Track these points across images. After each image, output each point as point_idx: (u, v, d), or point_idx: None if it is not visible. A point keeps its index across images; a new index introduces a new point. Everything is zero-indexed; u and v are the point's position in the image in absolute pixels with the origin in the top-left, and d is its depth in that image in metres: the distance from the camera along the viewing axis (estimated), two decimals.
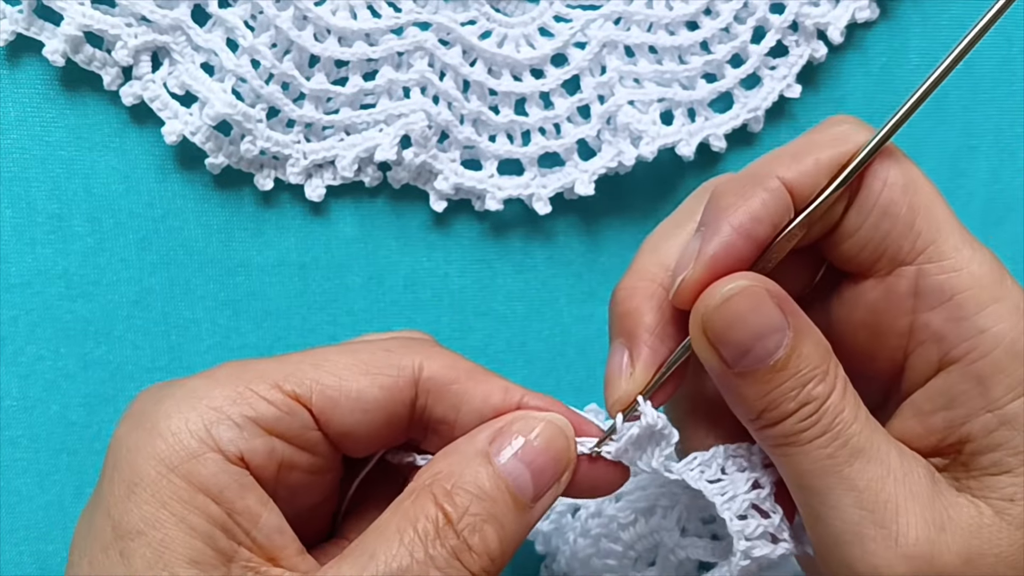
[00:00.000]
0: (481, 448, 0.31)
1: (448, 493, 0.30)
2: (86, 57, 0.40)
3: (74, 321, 0.42)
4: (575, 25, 0.44)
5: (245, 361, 0.32)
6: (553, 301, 0.46)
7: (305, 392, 0.31)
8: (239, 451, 0.30)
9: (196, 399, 0.30)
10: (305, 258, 0.44)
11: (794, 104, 0.47)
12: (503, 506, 0.31)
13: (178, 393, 0.31)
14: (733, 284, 0.31)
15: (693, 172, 0.46)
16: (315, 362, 0.32)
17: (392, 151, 0.42)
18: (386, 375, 0.32)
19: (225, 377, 0.31)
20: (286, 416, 0.31)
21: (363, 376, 0.32)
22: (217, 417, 0.30)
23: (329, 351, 0.33)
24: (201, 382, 0.31)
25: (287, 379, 0.31)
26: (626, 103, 0.44)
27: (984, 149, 0.49)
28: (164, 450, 0.29)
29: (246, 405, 0.30)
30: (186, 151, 0.42)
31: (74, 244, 0.41)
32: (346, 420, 0.32)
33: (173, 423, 0.30)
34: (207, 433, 0.30)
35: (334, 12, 0.42)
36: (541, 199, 0.44)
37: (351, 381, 0.32)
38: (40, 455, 0.42)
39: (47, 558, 0.42)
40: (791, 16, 0.45)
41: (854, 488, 0.30)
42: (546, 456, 0.32)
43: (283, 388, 0.31)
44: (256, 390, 0.31)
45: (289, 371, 0.31)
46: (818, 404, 0.30)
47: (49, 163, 0.41)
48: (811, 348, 0.31)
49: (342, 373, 0.32)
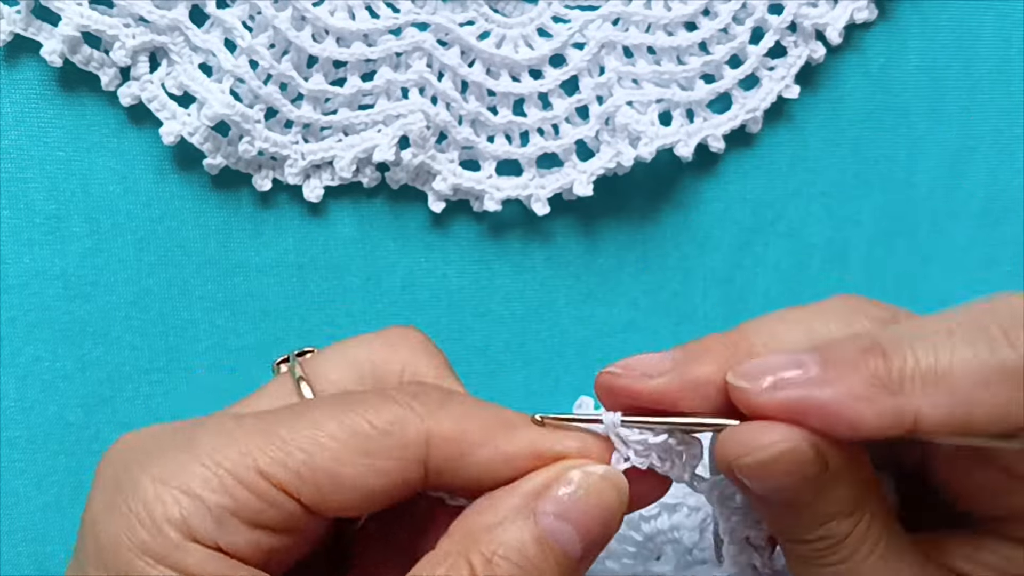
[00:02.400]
0: (524, 505, 0.28)
1: (488, 562, 0.27)
2: (84, 57, 0.40)
3: (72, 322, 0.42)
4: (573, 26, 0.44)
5: (228, 423, 0.29)
6: (551, 302, 0.46)
7: (292, 481, 0.28)
8: (217, 545, 0.27)
9: (172, 482, 0.27)
10: (303, 259, 0.43)
11: (792, 105, 0.47)
12: (549, 572, 0.28)
13: (155, 469, 0.28)
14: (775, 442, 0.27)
15: (692, 173, 0.46)
16: (305, 440, 0.28)
17: (390, 152, 0.42)
18: (387, 459, 0.28)
19: (205, 450, 0.28)
20: (270, 509, 0.28)
21: (360, 460, 0.28)
22: (194, 507, 0.27)
23: (322, 421, 0.28)
24: (179, 455, 0.28)
25: (272, 464, 0.28)
26: (624, 104, 0.43)
27: (983, 150, 0.49)
28: (147, 541, 0.27)
29: (225, 494, 0.27)
30: (184, 152, 0.42)
31: (72, 245, 0.41)
32: (338, 505, 0.28)
33: (152, 509, 0.27)
34: (185, 524, 0.27)
35: (332, 12, 0.42)
36: (539, 200, 0.44)
37: (346, 467, 0.28)
38: (38, 456, 0.42)
39: (45, 559, 0.42)
40: (789, 17, 0.45)
41: None
42: (596, 513, 0.29)
43: (267, 475, 0.28)
44: (237, 476, 0.27)
45: (274, 452, 0.28)
46: (835, 540, 0.29)
47: (47, 163, 0.41)
48: (844, 490, 0.29)
49: (335, 457, 0.28)
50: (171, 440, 0.29)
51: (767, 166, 0.47)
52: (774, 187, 0.47)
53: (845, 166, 0.48)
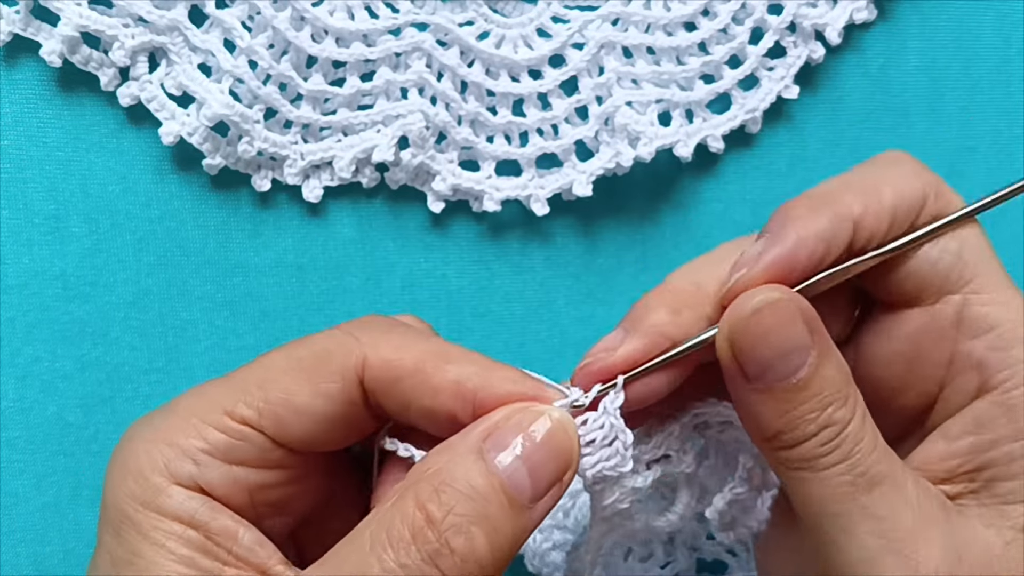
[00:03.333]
0: (474, 444, 0.30)
1: (434, 491, 0.29)
2: (83, 58, 0.40)
3: (71, 322, 0.42)
4: (573, 26, 0.44)
5: (203, 386, 0.32)
6: (551, 302, 0.46)
7: (254, 415, 0.31)
8: (197, 484, 0.30)
9: (157, 437, 0.31)
10: (303, 259, 0.43)
11: (792, 105, 0.47)
12: (497, 507, 0.29)
13: (145, 431, 0.31)
14: (764, 296, 0.30)
15: (691, 173, 0.46)
16: (260, 378, 0.31)
17: (390, 152, 0.42)
18: (328, 382, 0.31)
19: (182, 409, 0.31)
20: (240, 443, 0.31)
21: (306, 385, 0.31)
22: (173, 453, 0.30)
23: (274, 358, 0.32)
24: (161, 417, 0.31)
25: (236, 404, 0.31)
26: (624, 104, 0.43)
27: (982, 150, 0.49)
28: (135, 489, 0.30)
29: (199, 438, 0.31)
30: (183, 152, 0.42)
31: (71, 245, 0.41)
32: (300, 433, 0.31)
33: (141, 462, 0.30)
34: (166, 469, 0.30)
35: (332, 13, 0.42)
36: (539, 200, 0.44)
37: (296, 394, 0.31)
38: (37, 456, 0.42)
39: (44, 559, 0.42)
40: (789, 17, 0.45)
41: (873, 516, 0.30)
42: (546, 452, 0.30)
43: (233, 415, 0.31)
44: (208, 421, 0.31)
45: (237, 394, 0.31)
46: (838, 429, 0.30)
47: (46, 164, 0.41)
48: (834, 371, 0.31)
49: (286, 386, 0.31)
50: (160, 409, 0.32)
51: (766, 166, 0.47)
52: (773, 187, 0.47)
53: (844, 166, 0.47)
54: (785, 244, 0.31)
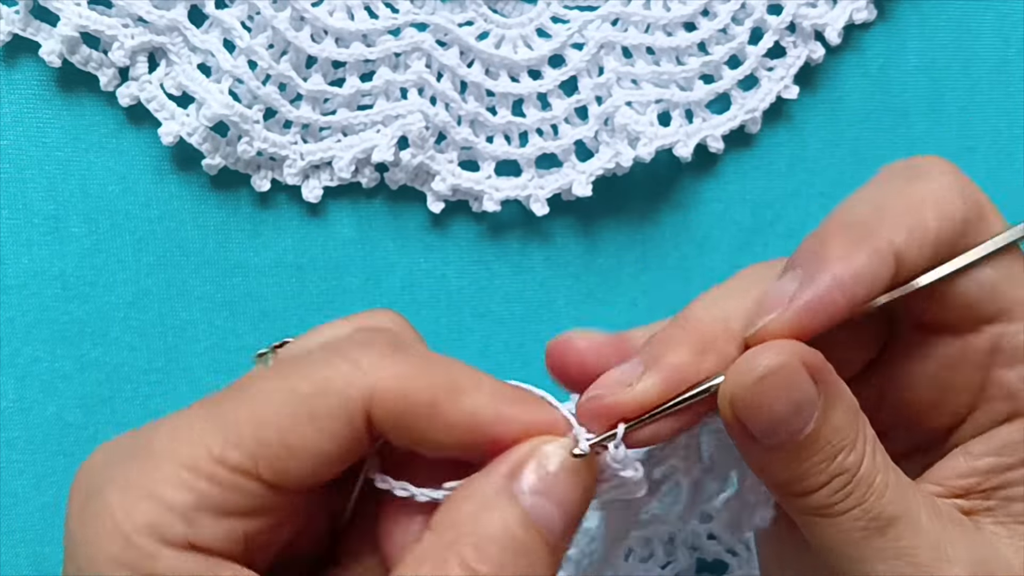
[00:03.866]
0: (503, 486, 0.28)
1: (477, 550, 0.26)
2: (83, 58, 0.40)
3: (71, 323, 0.42)
4: (572, 26, 0.44)
5: (180, 419, 0.28)
6: (551, 302, 0.46)
7: (249, 461, 0.27)
8: (190, 543, 0.27)
9: (134, 487, 0.27)
10: (302, 259, 0.43)
11: (791, 105, 0.47)
12: (538, 554, 0.27)
13: (120, 480, 0.27)
14: (768, 361, 0.28)
15: (691, 173, 0.46)
16: (252, 416, 0.27)
17: (389, 152, 0.42)
18: (331, 420, 0.27)
19: (162, 453, 0.27)
20: (233, 494, 0.27)
21: (307, 424, 0.27)
22: (157, 511, 0.26)
23: (267, 389, 0.28)
24: (137, 463, 0.27)
25: (225, 447, 0.27)
26: (624, 104, 0.43)
27: (982, 150, 0.49)
28: (119, 554, 0.26)
29: (188, 491, 0.27)
30: (183, 152, 0.42)
31: (71, 245, 0.41)
32: (299, 475, 0.28)
33: (119, 519, 0.27)
34: (153, 531, 0.26)
35: (331, 13, 0.42)
36: (539, 200, 0.44)
37: (296, 435, 0.27)
38: (36, 457, 0.41)
39: (43, 560, 0.42)
40: (788, 17, 0.45)
41: (889, 557, 0.30)
42: (571, 488, 0.28)
43: (224, 462, 0.27)
44: (196, 469, 0.27)
45: (227, 435, 0.27)
46: (850, 476, 0.29)
47: (46, 164, 0.41)
48: (841, 416, 0.29)
49: (282, 425, 0.27)
50: (131, 447, 0.28)
51: (766, 166, 0.47)
52: (773, 187, 0.47)
53: (844, 166, 0.48)
54: (819, 288, 0.29)
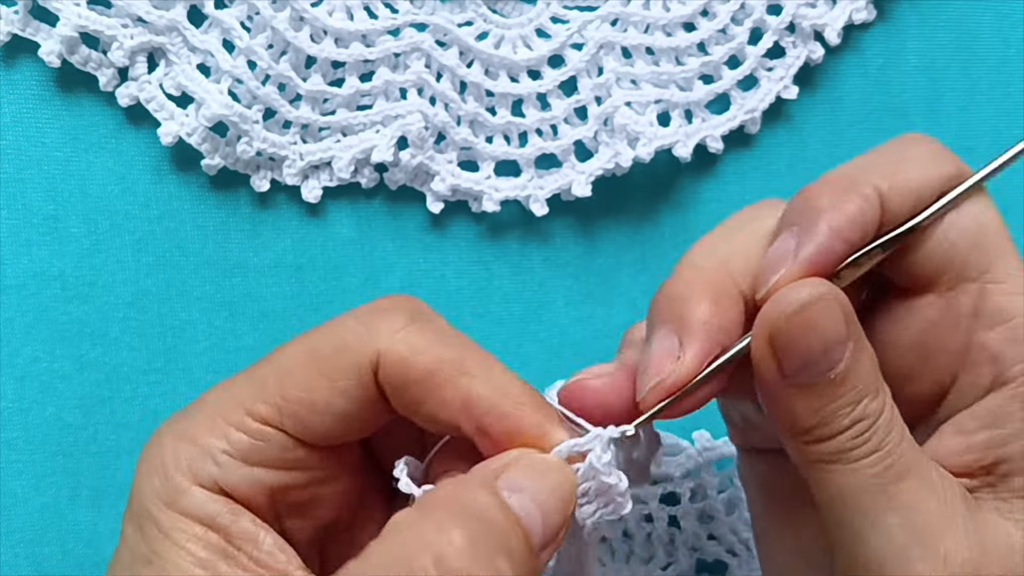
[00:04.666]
0: (488, 480, 0.29)
1: (458, 517, 0.27)
2: (82, 58, 0.40)
3: (70, 323, 0.41)
4: (572, 26, 0.44)
5: (228, 381, 0.31)
6: (550, 303, 0.46)
7: (274, 414, 0.30)
8: (217, 485, 0.30)
9: (183, 434, 0.30)
10: (302, 259, 0.43)
11: (791, 105, 0.47)
12: (516, 541, 0.27)
13: (174, 428, 0.31)
14: (809, 292, 0.29)
15: (690, 173, 0.46)
16: (278, 374, 0.30)
17: (389, 152, 0.42)
18: (344, 379, 0.30)
19: (209, 405, 0.31)
20: (261, 443, 0.30)
21: (325, 384, 0.30)
22: (196, 453, 0.30)
23: (294, 350, 0.31)
24: (188, 415, 0.31)
25: (255, 403, 0.30)
26: (623, 104, 0.43)
27: (981, 150, 0.49)
28: (159, 487, 0.30)
29: (221, 438, 0.30)
30: (182, 152, 0.42)
31: (70, 246, 0.41)
32: (321, 430, 0.30)
33: (166, 459, 0.30)
34: (188, 469, 0.30)
35: (331, 13, 0.42)
36: (538, 200, 0.44)
37: (313, 391, 0.30)
38: (36, 457, 0.41)
39: (42, 560, 0.42)
40: (788, 17, 0.45)
41: (898, 508, 0.30)
42: (555, 501, 0.29)
43: (253, 413, 0.30)
44: (230, 420, 0.30)
45: (256, 392, 0.30)
46: (871, 422, 0.30)
47: (45, 164, 0.41)
48: (868, 363, 0.30)
49: (303, 382, 0.30)
50: (191, 407, 0.32)
51: (766, 167, 0.47)
52: (773, 188, 0.47)
53: None
54: (820, 238, 0.30)
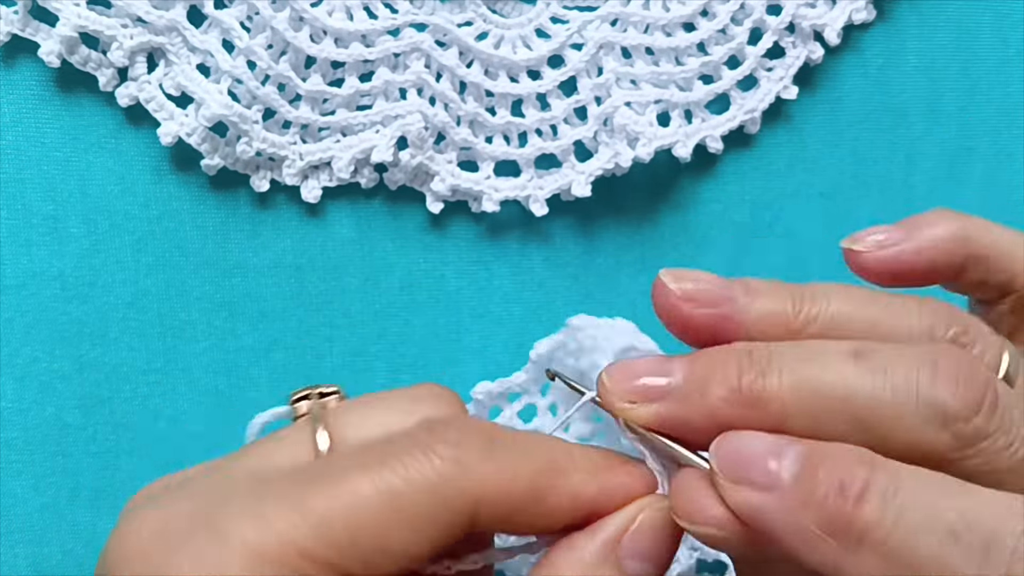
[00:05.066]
0: (605, 551, 0.27)
1: None
2: (81, 58, 0.40)
3: (69, 323, 0.41)
4: (572, 27, 0.44)
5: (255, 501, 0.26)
6: (550, 303, 0.46)
7: (336, 557, 0.25)
8: None
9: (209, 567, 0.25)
10: (301, 259, 0.43)
11: (791, 106, 0.47)
12: None
13: (185, 565, 0.25)
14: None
15: (690, 173, 0.46)
16: (347, 518, 0.25)
17: (388, 152, 0.42)
18: (434, 522, 0.26)
19: (238, 537, 0.25)
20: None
21: (405, 529, 0.26)
22: None
23: (361, 489, 0.26)
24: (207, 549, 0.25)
25: (315, 543, 0.25)
26: (623, 104, 0.43)
27: (981, 151, 0.49)
28: None
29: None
30: (182, 152, 0.42)
31: (69, 246, 0.41)
32: (388, 572, 0.26)
33: None
34: None
35: (330, 13, 0.41)
36: (538, 200, 0.44)
37: (394, 540, 0.26)
38: (35, 457, 0.41)
39: (42, 561, 0.42)
40: (788, 18, 0.45)
41: None
42: (669, 545, 0.28)
43: (311, 556, 0.25)
44: (279, 564, 0.25)
45: (315, 530, 0.25)
46: None
47: (44, 164, 0.41)
48: None
49: (379, 524, 0.26)
50: (191, 524, 0.26)
51: (765, 167, 0.47)
52: (772, 188, 0.47)
53: (843, 167, 0.48)
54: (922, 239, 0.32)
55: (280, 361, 0.43)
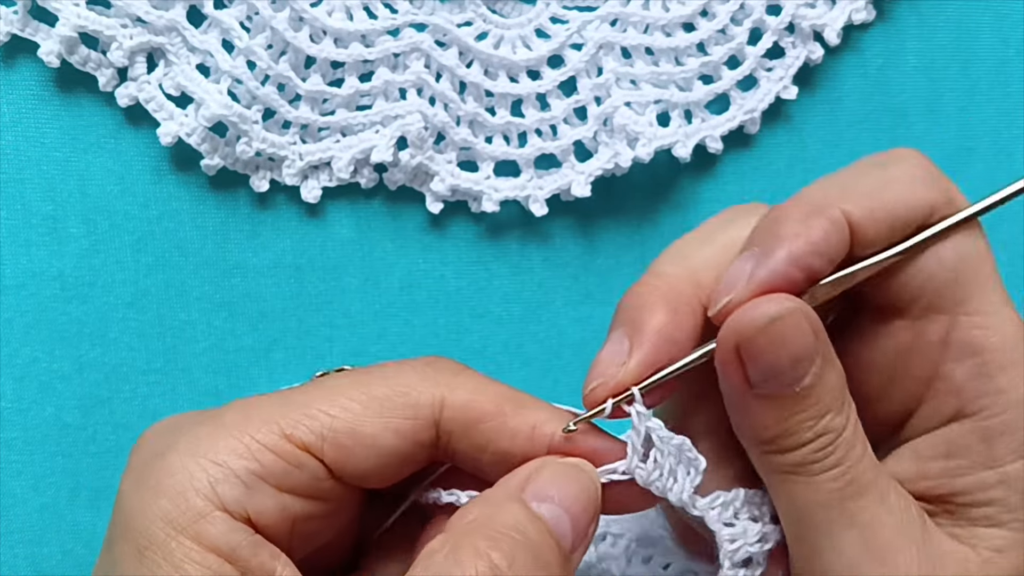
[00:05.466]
0: (514, 494, 0.29)
1: (492, 540, 0.27)
2: (81, 58, 0.40)
3: (69, 323, 0.41)
4: (571, 27, 0.44)
5: (253, 400, 0.30)
6: (549, 303, 0.46)
7: (316, 442, 0.29)
8: (246, 511, 0.28)
9: (200, 453, 0.28)
10: (301, 260, 0.43)
11: (790, 106, 0.47)
12: (549, 552, 0.28)
13: (182, 444, 0.29)
14: (780, 307, 0.29)
15: (690, 173, 0.46)
16: (326, 403, 0.30)
17: (388, 152, 0.42)
18: (403, 418, 0.30)
19: (232, 424, 0.29)
20: (295, 470, 0.29)
21: (378, 419, 0.30)
22: (222, 474, 0.28)
23: (341, 388, 0.30)
24: (206, 431, 0.29)
25: (296, 426, 0.29)
26: (622, 104, 0.43)
27: (981, 151, 0.49)
28: (170, 510, 0.28)
29: (252, 459, 0.28)
30: (181, 152, 0.42)
31: (69, 246, 0.41)
32: (360, 466, 0.30)
33: (177, 480, 0.28)
34: (212, 491, 0.28)
35: (330, 13, 0.41)
36: (537, 201, 0.44)
37: (365, 426, 0.29)
38: (35, 458, 0.41)
39: (41, 561, 0.42)
40: (787, 18, 0.45)
41: (855, 524, 0.30)
42: (580, 503, 0.30)
43: (292, 438, 0.29)
44: (263, 441, 0.29)
45: (298, 416, 0.29)
46: (834, 436, 0.30)
47: (44, 165, 0.41)
48: (835, 379, 0.30)
49: (355, 416, 0.29)
50: (197, 420, 0.30)
51: (765, 167, 0.47)
52: (772, 188, 0.47)
53: (843, 167, 0.48)
54: (776, 264, 0.30)
55: (280, 361, 0.43)
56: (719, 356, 0.30)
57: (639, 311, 0.32)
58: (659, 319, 0.31)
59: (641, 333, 0.31)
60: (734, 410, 0.31)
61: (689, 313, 0.31)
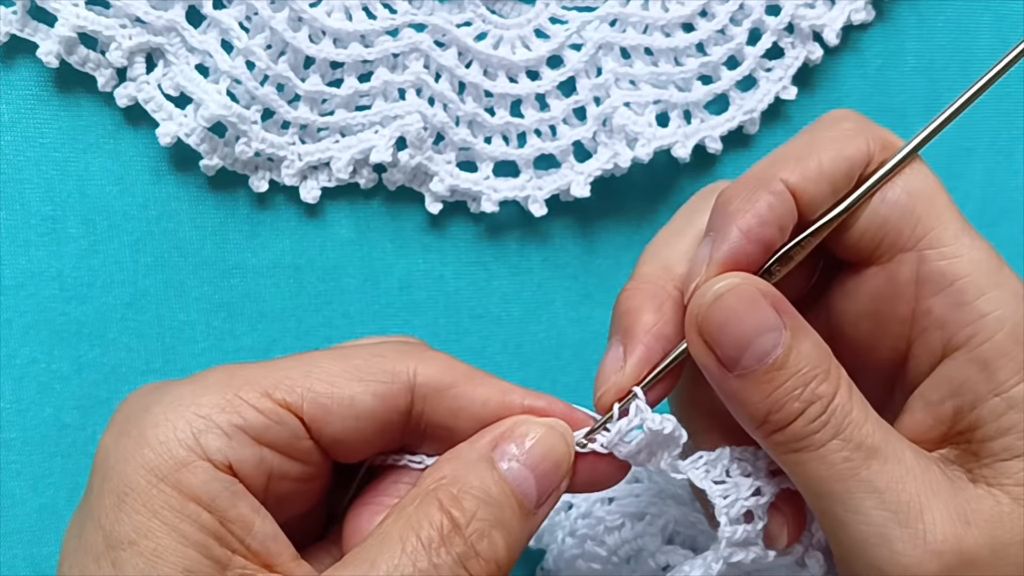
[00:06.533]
0: (484, 453, 0.31)
1: (455, 498, 0.29)
2: (80, 58, 0.40)
3: (68, 323, 0.41)
4: (571, 27, 0.44)
5: (235, 365, 0.31)
6: (549, 303, 0.46)
7: (296, 400, 0.30)
8: (227, 460, 0.29)
9: (184, 406, 0.29)
10: (300, 260, 0.43)
11: (790, 106, 0.47)
12: (509, 511, 0.30)
13: (165, 399, 0.30)
14: (724, 282, 0.31)
15: (689, 174, 0.46)
16: (306, 368, 0.31)
17: (388, 153, 0.42)
18: (380, 381, 0.31)
19: (214, 383, 0.30)
20: (275, 425, 0.30)
21: (356, 383, 0.31)
22: (205, 425, 0.29)
23: (321, 356, 0.32)
24: (189, 388, 0.30)
25: (277, 386, 0.30)
26: (622, 105, 0.43)
27: (980, 151, 0.49)
28: (152, 459, 0.28)
29: (235, 413, 0.29)
30: (181, 153, 0.42)
31: (68, 246, 0.41)
32: (338, 428, 0.31)
33: (161, 431, 0.29)
34: (195, 441, 0.29)
35: (329, 13, 0.41)
36: (537, 201, 0.44)
37: (343, 388, 0.31)
38: (34, 458, 0.41)
39: (41, 561, 0.42)
40: (787, 18, 0.45)
41: (875, 490, 0.30)
42: (548, 462, 0.31)
43: (273, 396, 0.30)
44: (245, 398, 0.30)
45: (279, 377, 0.30)
46: (825, 403, 0.30)
47: (43, 165, 0.41)
48: (810, 347, 0.31)
49: (334, 380, 0.31)
50: (181, 381, 0.31)
51: None
52: None
53: None
54: (731, 242, 0.31)
55: None
56: (688, 342, 0.32)
57: (628, 315, 0.34)
58: (647, 320, 0.33)
59: (633, 336, 0.33)
60: (724, 398, 0.32)
61: (673, 308, 0.33)
